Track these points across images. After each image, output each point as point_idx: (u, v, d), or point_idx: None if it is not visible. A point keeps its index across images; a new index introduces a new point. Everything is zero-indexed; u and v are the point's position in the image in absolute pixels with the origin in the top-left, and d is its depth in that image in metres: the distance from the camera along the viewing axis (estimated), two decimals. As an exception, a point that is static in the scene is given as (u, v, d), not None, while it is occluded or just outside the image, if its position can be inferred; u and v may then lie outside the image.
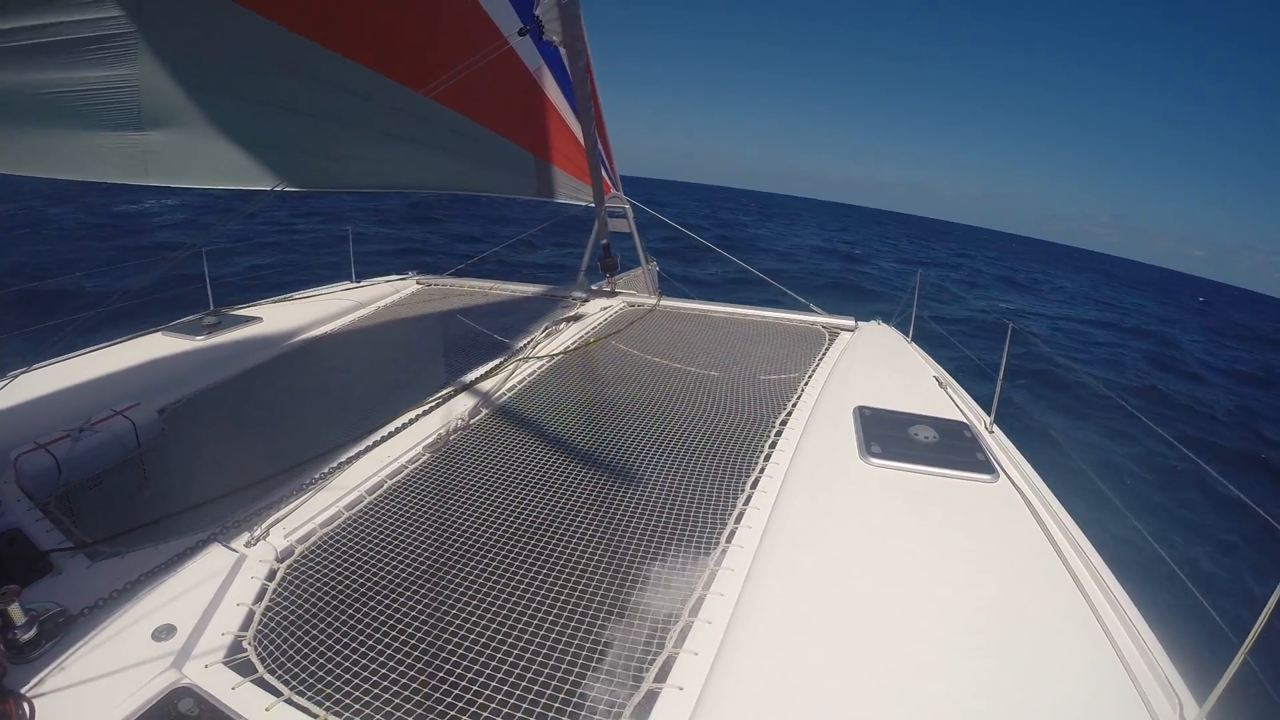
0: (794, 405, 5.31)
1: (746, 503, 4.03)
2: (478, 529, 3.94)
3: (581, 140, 7.57)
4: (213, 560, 3.62)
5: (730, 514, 3.95)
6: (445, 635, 3.16)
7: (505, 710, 2.74)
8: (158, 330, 7.58)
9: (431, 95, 5.84)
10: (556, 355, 6.50)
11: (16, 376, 5.99)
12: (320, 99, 5.58)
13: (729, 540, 3.68)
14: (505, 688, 2.85)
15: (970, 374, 6.62)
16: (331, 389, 6.43)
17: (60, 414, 5.25)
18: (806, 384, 5.73)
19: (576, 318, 7.83)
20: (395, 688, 2.85)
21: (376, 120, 5.96)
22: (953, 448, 4.47)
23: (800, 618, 3.08)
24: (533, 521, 4.01)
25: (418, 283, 9.77)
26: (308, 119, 5.68)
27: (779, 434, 4.86)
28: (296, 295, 8.99)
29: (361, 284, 9.60)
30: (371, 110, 5.85)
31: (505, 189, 7.95)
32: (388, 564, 3.65)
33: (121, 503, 4.79)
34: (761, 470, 4.38)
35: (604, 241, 9.00)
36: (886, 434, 4.60)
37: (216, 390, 6.26)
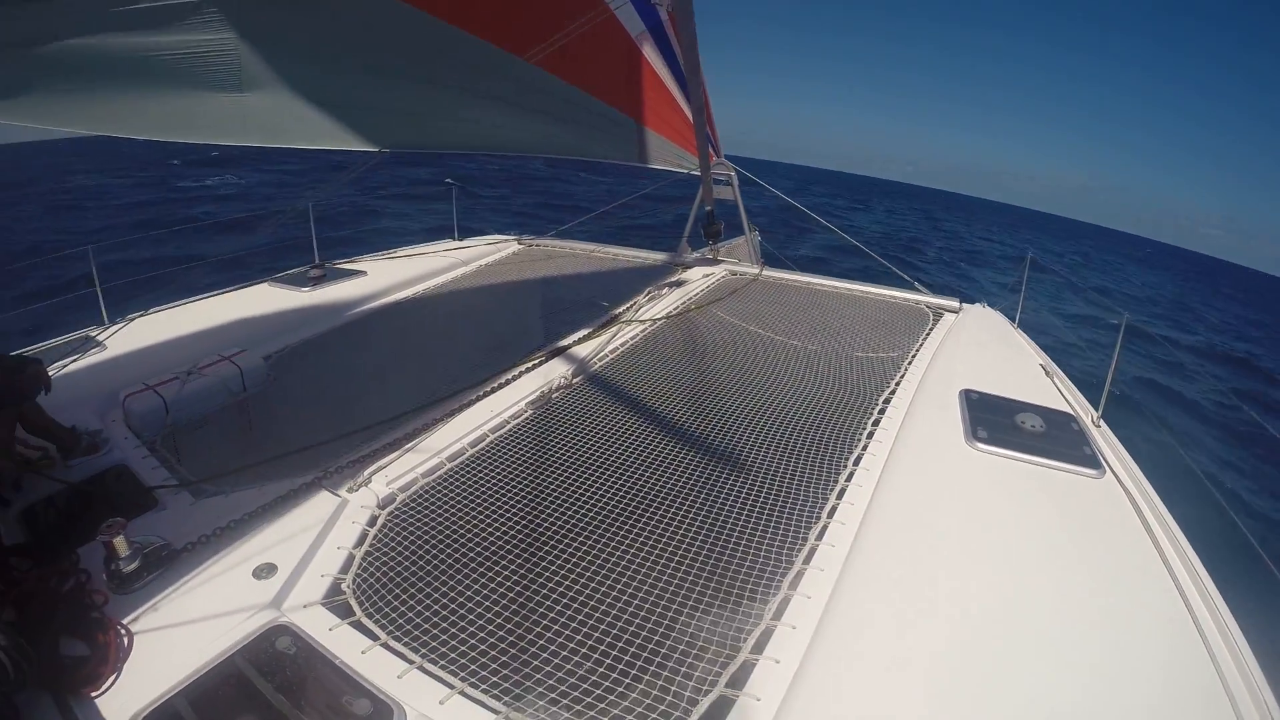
0: (898, 384, 5.17)
1: (849, 479, 3.93)
2: (575, 488, 3.90)
3: (683, 106, 7.47)
4: (315, 504, 3.68)
5: (832, 489, 3.85)
6: (539, 591, 3.13)
7: (598, 670, 2.71)
8: (265, 281, 7.80)
9: (535, 61, 5.79)
10: (659, 320, 6.43)
11: (130, 321, 6.19)
12: (424, 65, 5.57)
13: (830, 516, 3.59)
14: (597, 648, 2.82)
15: (1076, 364, 6.36)
16: (433, 343, 6.48)
17: (169, 358, 5.42)
18: (910, 363, 5.58)
19: (679, 283, 7.75)
20: (489, 640, 2.84)
21: (480, 84, 5.92)
22: (1059, 439, 4.29)
23: (900, 598, 2.98)
24: (630, 483, 3.96)
25: (519, 243, 9.80)
26: (411, 83, 5.70)
27: (882, 412, 4.73)
28: (400, 251, 9.09)
29: (464, 243, 9.66)
30: (475, 75, 5.83)
31: (607, 154, 7.86)
32: (486, 517, 3.64)
33: (225, 445, 4.90)
34: (864, 448, 4.27)
35: (708, 208, 8.89)
36: (993, 419, 4.44)
37: (321, 340, 6.38)
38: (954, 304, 7.08)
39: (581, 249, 9.52)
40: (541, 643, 2.83)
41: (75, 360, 5.51)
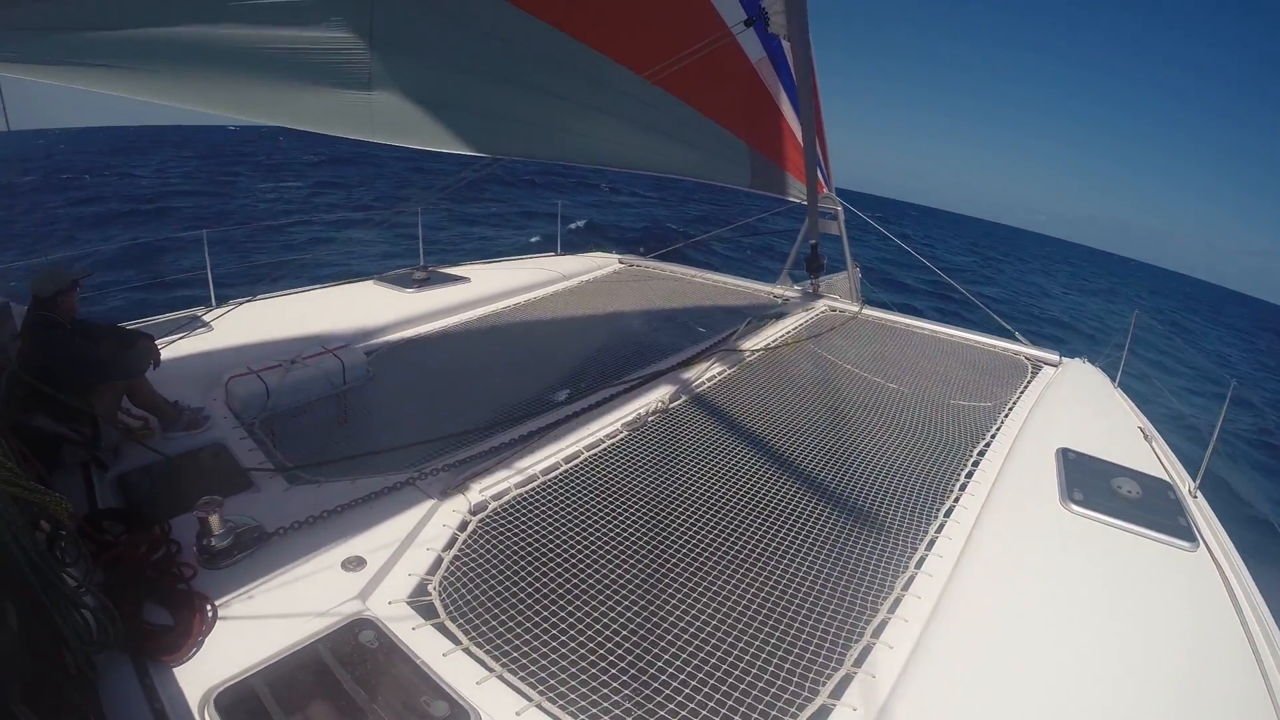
0: (993, 435, 4.99)
1: (939, 530, 3.80)
2: (666, 513, 3.84)
3: (798, 136, 7.38)
4: (408, 503, 3.68)
5: (921, 539, 3.73)
6: (623, 612, 3.07)
7: (675, 699, 2.64)
8: (370, 279, 7.93)
9: (653, 80, 5.80)
10: (757, 351, 6.36)
11: (237, 306, 6.34)
12: (544, 75, 5.61)
13: (918, 566, 3.48)
14: (677, 676, 2.75)
15: (1176, 429, 6.07)
16: (530, 354, 6.48)
17: (273, 346, 5.54)
18: (1007, 415, 5.39)
19: (778, 315, 7.64)
20: (570, 657, 2.79)
21: (596, 98, 5.91)
22: (1155, 507, 4.09)
23: (984, 654, 2.88)
24: (718, 513, 3.87)
25: (620, 261, 9.81)
26: (528, 92, 5.72)
27: (976, 463, 4.58)
28: (503, 260, 9.18)
29: (566, 257, 9.71)
30: (593, 89, 5.83)
31: (718, 177, 7.80)
32: (576, 534, 3.60)
33: (319, 435, 4.94)
34: (956, 499, 4.13)
35: (813, 241, 8.77)
36: (1089, 481, 4.26)
37: (421, 341, 6.44)
38: (1054, 357, 6.85)
39: (682, 273, 9.48)
40: (623, 665, 2.77)
41: (182, 338, 5.64)
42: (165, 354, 4.51)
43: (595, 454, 4.39)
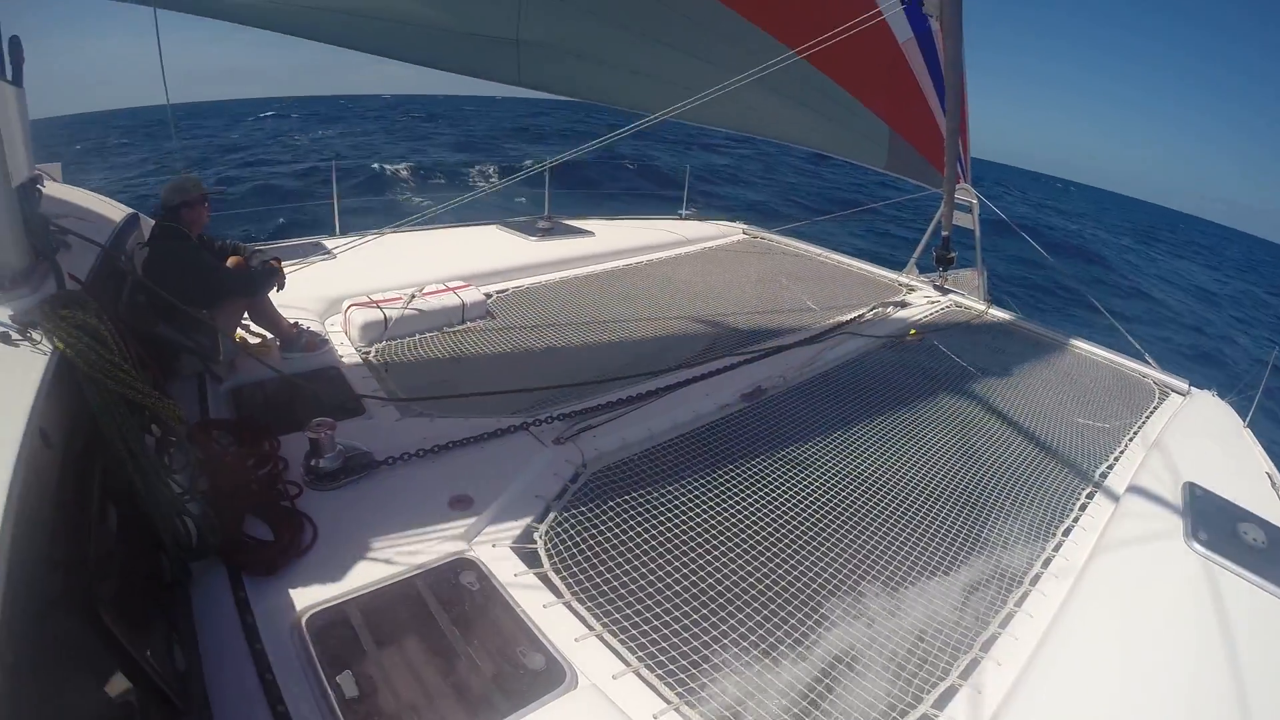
0: (1115, 459, 4.63)
1: (1056, 549, 3.54)
2: (779, 492, 3.66)
3: (939, 122, 7.07)
4: (520, 447, 3.60)
5: (1038, 555, 3.47)
6: (728, 587, 2.92)
7: (779, 680, 2.51)
8: (494, 224, 7.92)
9: (805, 55, 5.65)
10: (880, 338, 6.10)
11: (362, 237, 6.36)
12: (704, 41, 5.57)
13: (1032, 584, 3.24)
14: (785, 655, 2.62)
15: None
16: (651, 315, 6.32)
17: (394, 278, 5.52)
18: (1131, 440, 5.02)
19: (902, 304, 7.33)
20: (672, 625, 2.65)
21: (749, 68, 5.82)
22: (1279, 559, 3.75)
23: (1094, 685, 2.67)
24: (833, 498, 3.69)
25: (744, 232, 9.59)
26: (688, 57, 5.68)
27: (1097, 485, 4.26)
28: (627, 219, 9.06)
29: (689, 221, 9.55)
30: (746, 59, 5.68)
31: (856, 155, 7.58)
32: (687, 502, 3.45)
33: (434, 371, 4.89)
34: (1075, 519, 3.84)
35: (945, 233, 8.40)
36: (1214, 522, 3.88)
37: (541, 289, 6.37)
38: (1182, 385, 6.34)
39: (805, 249, 9.16)
40: (724, 643, 2.63)
41: (306, 264, 5.68)
42: (288, 278, 4.51)
43: (711, 422, 4.25)
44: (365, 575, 2.66)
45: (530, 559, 2.87)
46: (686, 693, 2.40)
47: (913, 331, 6.42)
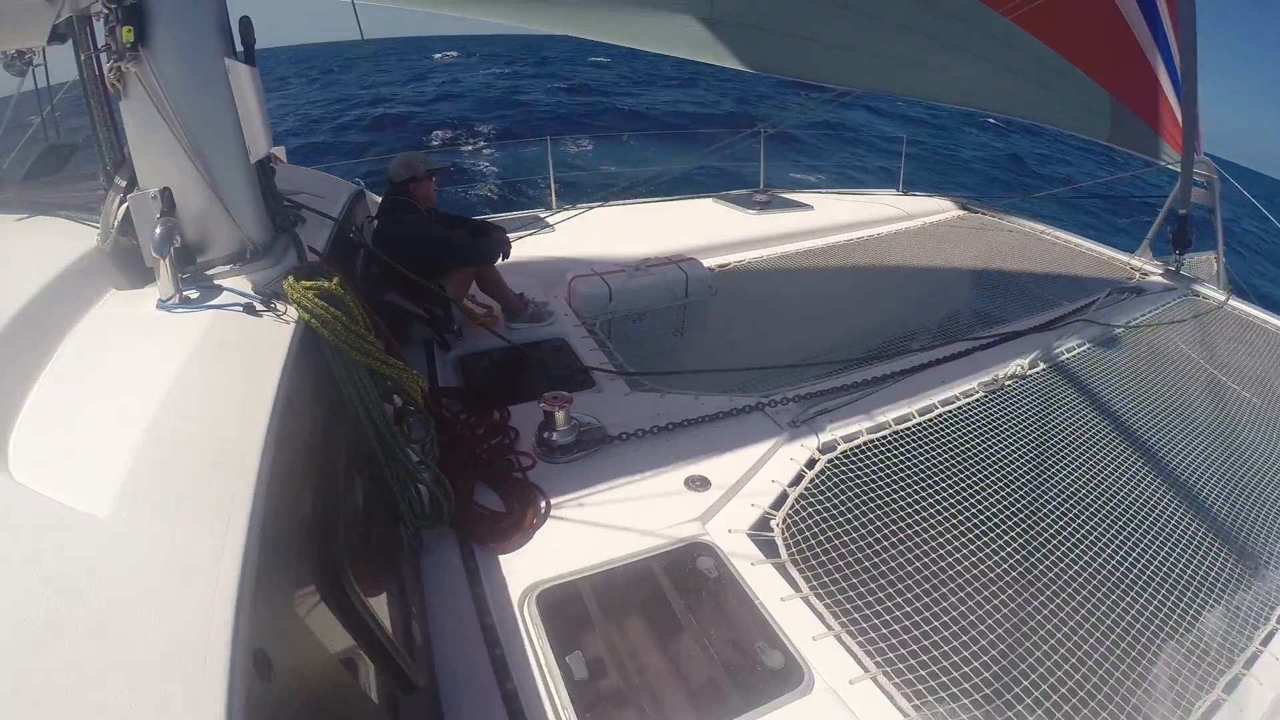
0: None
1: None
2: (1027, 491, 3.35)
3: (1166, 88, 6.39)
4: (755, 429, 3.45)
5: None
6: (974, 592, 2.68)
7: (1025, 699, 2.29)
8: (710, 197, 7.78)
9: (1013, 17, 5.25)
10: (1116, 327, 5.58)
11: (580, 209, 6.39)
12: (902, 9, 5.26)
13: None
14: (1032, 671, 2.39)
15: None
16: (875, 293, 6.07)
17: (615, 251, 5.48)
18: None
19: (1137, 290, 6.70)
20: (914, 631, 2.44)
21: (954, 34, 5.54)
22: None
23: None
24: (1085, 499, 3.36)
25: (962, 207, 9.11)
26: (885, 26, 5.37)
27: None
28: (843, 192, 8.76)
29: (906, 196, 9.15)
30: (951, 24, 5.43)
31: (1075, 126, 6.93)
32: (930, 496, 3.20)
33: (657, 345, 4.86)
34: None
35: (1182, 212, 7.62)
36: None
37: (762, 264, 6.20)
38: None
39: (1029, 228, 8.51)
40: (966, 654, 2.41)
41: (530, 235, 5.72)
42: (514, 248, 4.55)
43: (950, 411, 3.96)
44: (598, 553, 2.60)
45: (768, 548, 2.73)
46: (924, 705, 2.23)
47: (1150, 323, 5.86)
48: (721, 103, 33.85)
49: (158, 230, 1.96)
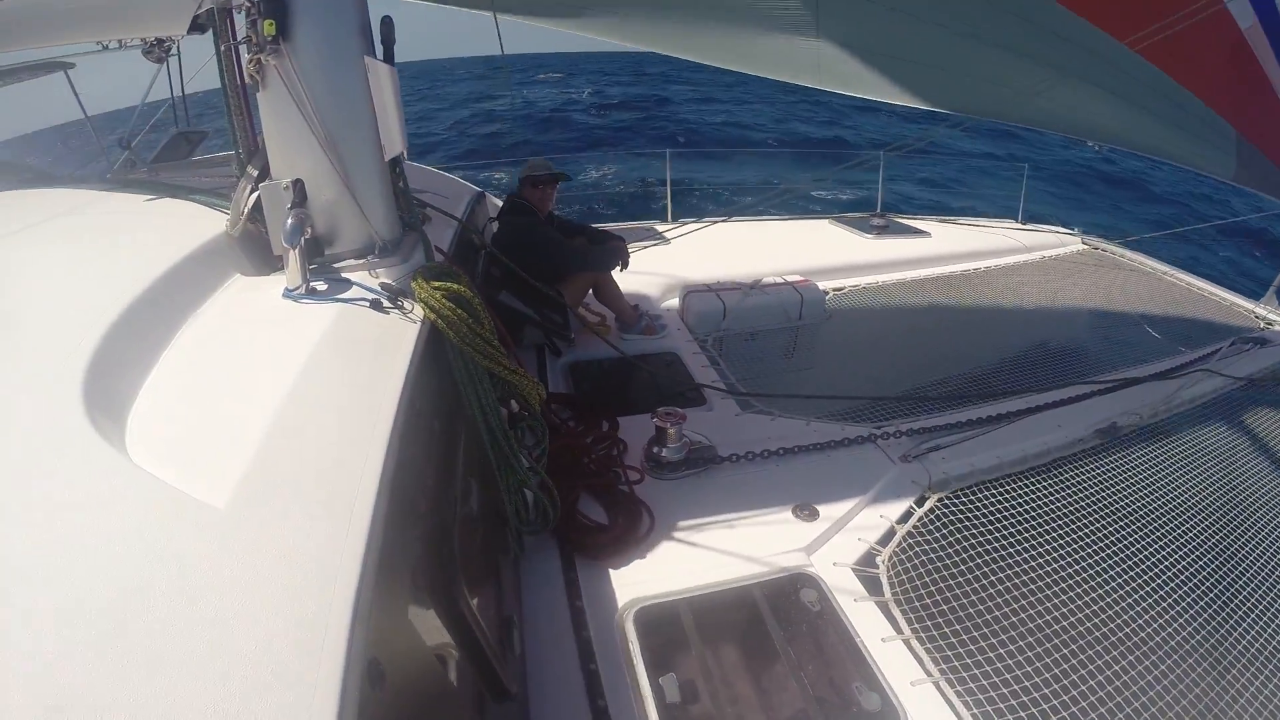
0: None
1: None
2: (1137, 541, 3.17)
3: None
4: (865, 460, 3.35)
5: None
6: (1077, 642, 2.53)
7: None
8: (825, 218, 7.65)
9: (1135, 47, 5.03)
10: (1238, 380, 5.27)
11: (698, 224, 6.34)
12: (1010, 31, 5.09)
13: None
14: None
15: None
16: (993, 327, 5.86)
17: (729, 267, 5.41)
18: None
19: (1261, 341, 6.34)
20: (1020, 684, 2.32)
21: (1070, 64, 5.34)
22: None
23: None
24: (1211, 562, 3.15)
25: (1084, 243, 8.78)
26: (994, 49, 5.25)
27: None
28: (960, 220, 8.53)
29: (1025, 226, 8.84)
30: (1065, 50, 5.22)
31: (1197, 163, 6.53)
32: (1044, 546, 3.03)
33: (769, 367, 4.78)
34: None
35: None
36: None
37: (878, 290, 6.06)
38: None
39: (1150, 266, 8.11)
40: (1070, 713, 2.28)
41: (642, 246, 5.72)
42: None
43: (1066, 455, 3.79)
44: (699, 575, 2.54)
45: (872, 585, 2.64)
46: None
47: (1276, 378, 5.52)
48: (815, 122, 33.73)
49: (290, 220, 1.98)
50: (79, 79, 4.56)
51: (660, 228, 6.58)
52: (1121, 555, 3.07)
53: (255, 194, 2.17)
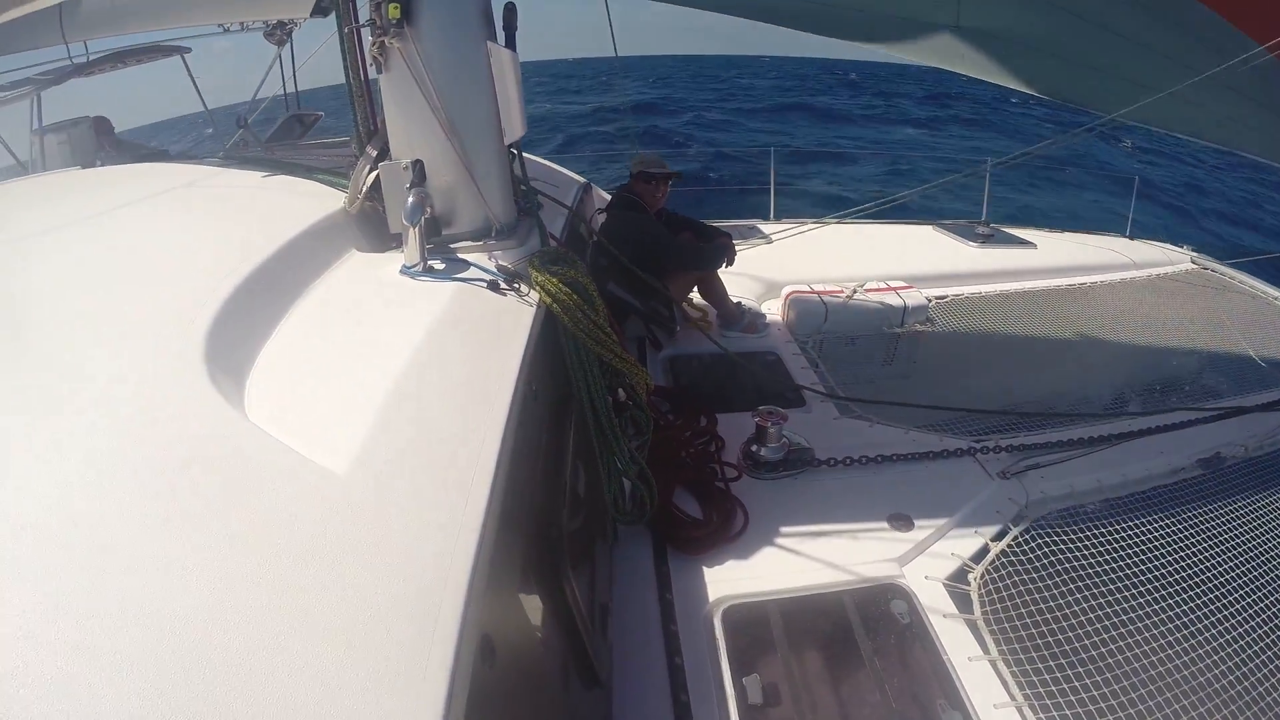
0: None
1: None
2: (1242, 581, 3.01)
3: None
4: (963, 474, 3.29)
5: None
6: (1168, 679, 2.41)
7: None
8: (930, 224, 7.51)
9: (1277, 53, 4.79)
10: None
11: (799, 225, 6.27)
12: (1163, 36, 4.86)
13: None
14: None
15: None
16: (1097, 346, 5.65)
17: (831, 270, 5.35)
18: None
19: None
20: (1102, 714, 2.24)
21: (1214, 67, 5.07)
22: None
23: None
24: None
25: (1193, 262, 8.42)
26: (1148, 52, 4.99)
27: None
28: (1067, 233, 8.28)
29: (1134, 242, 8.57)
30: (1211, 56, 4.95)
31: None
32: (1134, 571, 2.92)
33: (867, 372, 4.72)
34: None
35: None
36: None
37: (981, 301, 5.89)
38: None
39: (1262, 291, 7.74)
40: None
41: (746, 245, 5.66)
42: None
43: (1168, 484, 3.63)
44: (790, 577, 2.53)
45: (962, 602, 2.59)
46: None
47: None
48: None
49: (410, 199, 2.02)
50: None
51: (764, 227, 6.53)
52: (1223, 597, 2.92)
53: (374, 173, 2.22)
